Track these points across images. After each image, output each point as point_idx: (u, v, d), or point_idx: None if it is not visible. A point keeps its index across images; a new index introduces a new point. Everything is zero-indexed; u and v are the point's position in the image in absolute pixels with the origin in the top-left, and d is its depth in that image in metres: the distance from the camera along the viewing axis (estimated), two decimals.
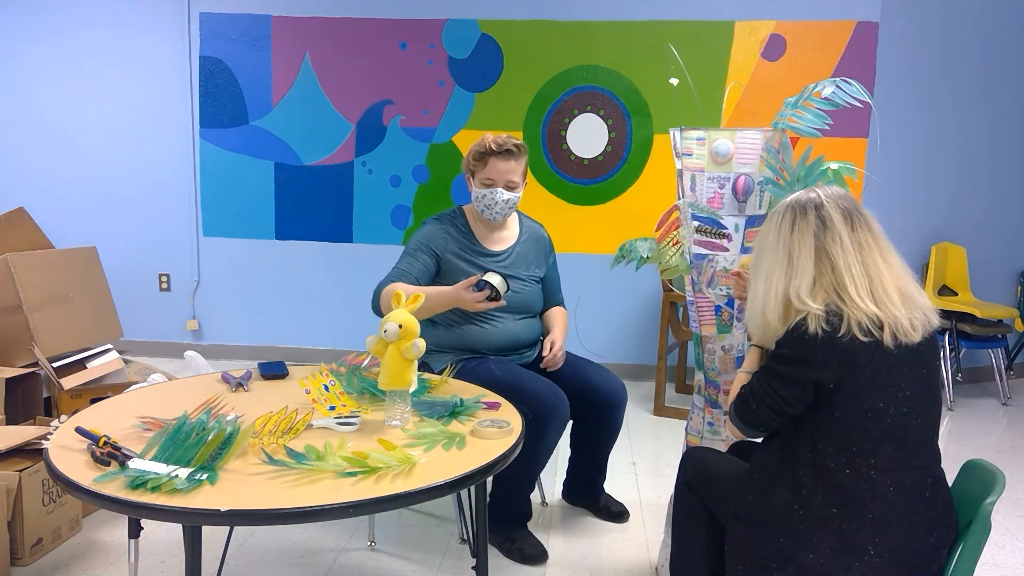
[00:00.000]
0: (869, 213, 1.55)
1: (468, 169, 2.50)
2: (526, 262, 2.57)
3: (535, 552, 2.36)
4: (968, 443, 3.65)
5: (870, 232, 1.52)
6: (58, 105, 4.64)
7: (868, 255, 1.49)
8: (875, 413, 1.43)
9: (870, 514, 1.42)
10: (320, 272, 4.69)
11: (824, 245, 1.50)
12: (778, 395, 1.50)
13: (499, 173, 2.41)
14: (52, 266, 3.22)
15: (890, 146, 4.18)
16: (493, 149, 2.40)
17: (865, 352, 1.42)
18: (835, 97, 2.08)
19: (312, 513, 1.40)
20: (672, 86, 4.21)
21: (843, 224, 1.50)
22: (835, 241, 1.49)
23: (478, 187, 2.45)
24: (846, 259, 1.48)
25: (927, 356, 1.49)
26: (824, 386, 1.44)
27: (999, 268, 4.64)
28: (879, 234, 1.53)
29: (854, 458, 1.43)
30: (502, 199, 2.43)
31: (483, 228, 2.55)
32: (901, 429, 1.44)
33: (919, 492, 1.45)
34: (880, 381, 1.42)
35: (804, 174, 2.06)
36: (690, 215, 2.16)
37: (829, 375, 1.43)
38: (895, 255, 1.53)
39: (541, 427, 2.23)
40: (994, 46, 4.33)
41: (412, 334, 1.79)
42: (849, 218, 1.51)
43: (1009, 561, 2.52)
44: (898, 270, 1.51)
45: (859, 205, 1.55)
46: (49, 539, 2.36)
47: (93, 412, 1.88)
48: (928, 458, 1.49)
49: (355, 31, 4.44)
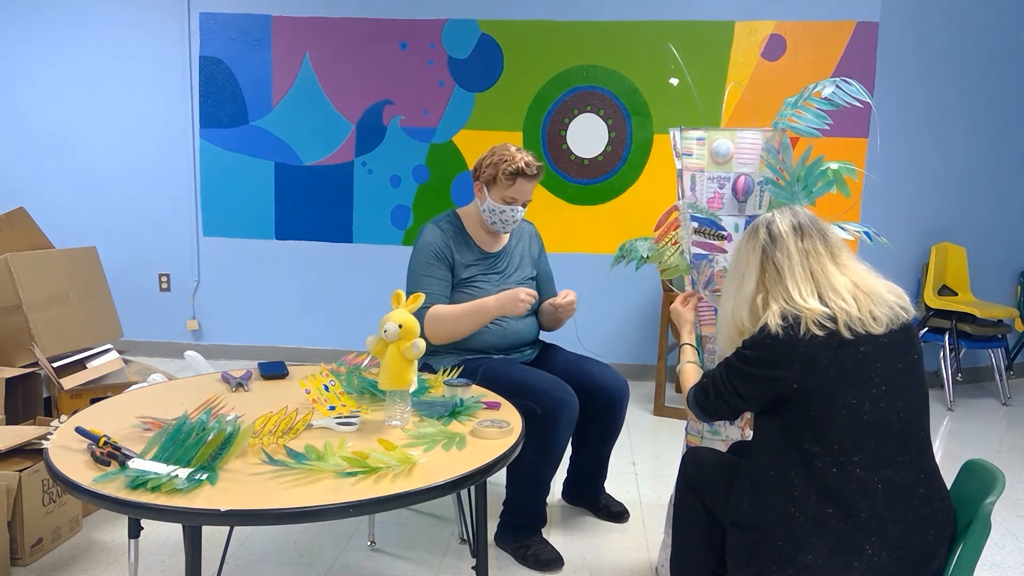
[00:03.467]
0: (827, 225, 1.65)
1: (487, 180, 2.44)
2: (521, 261, 2.60)
3: (550, 558, 2.35)
4: (968, 443, 3.65)
5: (822, 240, 1.60)
6: (58, 105, 4.64)
7: (816, 261, 1.57)
8: (849, 410, 1.45)
9: (863, 513, 1.42)
10: (320, 272, 4.69)
11: (772, 257, 1.60)
12: (737, 393, 1.59)
13: (523, 193, 2.45)
14: (52, 266, 3.22)
15: (890, 146, 4.18)
16: (527, 172, 2.40)
17: (827, 350, 1.47)
18: (835, 97, 2.08)
19: (312, 513, 1.40)
20: (672, 86, 4.21)
21: (791, 235, 1.60)
22: (783, 252, 1.59)
23: (497, 201, 2.44)
24: (791, 267, 1.57)
25: (900, 351, 1.51)
26: (788, 386, 1.49)
27: (999, 268, 4.64)
28: (834, 242, 1.61)
29: (838, 456, 1.45)
30: (519, 216, 2.49)
31: (480, 232, 2.55)
32: (882, 425, 1.46)
33: (911, 488, 1.45)
34: (851, 377, 1.46)
35: (804, 174, 2.06)
36: (689, 216, 2.16)
37: (791, 376, 1.48)
38: (851, 259, 1.61)
39: (551, 422, 2.24)
40: (994, 46, 4.33)
41: (412, 334, 1.79)
42: (798, 230, 1.61)
43: (1009, 561, 2.52)
44: (855, 272, 1.58)
45: (815, 219, 1.65)
46: (49, 539, 2.36)
47: (93, 412, 1.88)
48: (917, 453, 1.49)
49: (355, 31, 4.44)
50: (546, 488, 2.42)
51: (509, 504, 2.42)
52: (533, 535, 2.41)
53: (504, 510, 2.44)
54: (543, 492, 2.42)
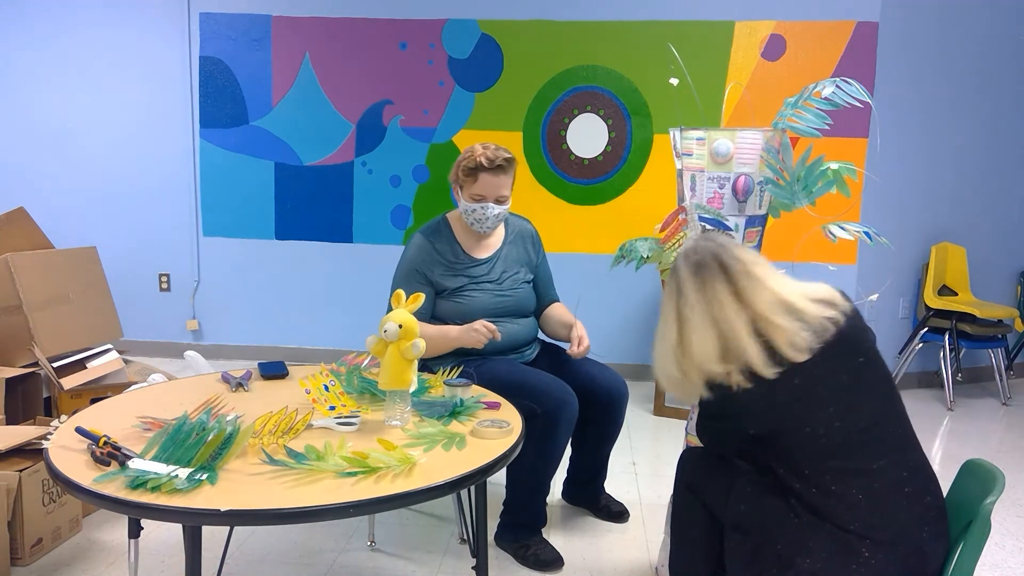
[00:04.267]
0: (730, 251, 1.56)
1: (456, 182, 2.46)
2: (515, 263, 2.57)
3: (550, 558, 2.35)
4: (968, 443, 3.65)
5: (723, 276, 1.53)
6: (58, 105, 4.64)
7: (718, 309, 1.51)
8: (806, 439, 1.47)
9: (851, 524, 1.42)
10: (320, 272, 4.69)
11: (681, 310, 1.57)
12: (724, 443, 1.66)
13: (490, 189, 2.38)
14: (52, 266, 3.22)
15: (890, 146, 4.18)
16: (484, 165, 2.35)
17: (761, 399, 1.48)
18: (835, 97, 2.08)
19: (312, 513, 1.40)
20: (672, 86, 4.21)
21: (692, 281, 1.55)
22: (686, 303, 1.56)
23: (467, 200, 2.42)
24: (694, 320, 1.54)
25: (841, 361, 1.48)
26: (746, 432, 1.54)
27: (999, 268, 4.64)
28: (738, 272, 1.53)
29: (810, 479, 1.46)
30: (492, 213, 2.42)
31: (469, 237, 2.53)
32: (843, 442, 1.45)
33: (895, 490, 1.44)
34: (794, 414, 1.47)
35: (804, 174, 2.06)
36: (697, 216, 2.16)
37: (742, 426, 1.53)
38: (759, 281, 1.52)
39: (552, 422, 2.24)
40: (994, 46, 4.33)
41: (412, 334, 1.79)
42: (699, 271, 1.56)
43: (1009, 561, 2.52)
44: (762, 299, 1.50)
45: (718, 250, 1.56)
46: (49, 539, 2.36)
47: (93, 412, 1.88)
48: (895, 453, 1.47)
49: (355, 31, 4.44)
50: (546, 488, 2.42)
51: (509, 504, 2.42)
52: (533, 535, 2.41)
53: (504, 510, 2.44)
54: (543, 492, 2.42)
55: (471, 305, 2.44)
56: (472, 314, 2.42)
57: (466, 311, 2.43)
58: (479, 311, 2.43)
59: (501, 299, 2.48)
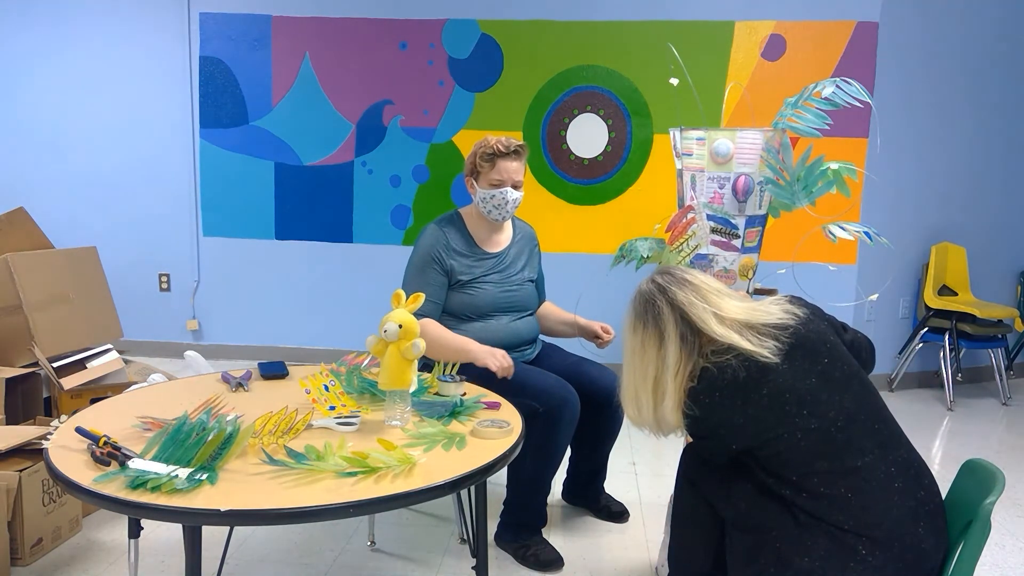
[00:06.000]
0: (676, 282, 1.62)
1: (472, 171, 2.50)
2: (521, 262, 2.61)
3: (550, 558, 2.35)
4: (968, 443, 3.65)
5: (669, 309, 1.59)
6: (58, 105, 4.64)
7: (648, 363, 1.61)
8: (786, 445, 1.48)
9: (845, 524, 1.43)
10: (320, 272, 4.69)
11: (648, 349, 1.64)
12: (715, 459, 1.66)
13: (508, 173, 2.44)
14: (52, 266, 3.22)
15: (890, 146, 4.18)
16: (501, 150, 2.42)
17: (755, 398, 1.49)
18: (835, 97, 2.08)
19: (312, 513, 1.40)
20: (672, 86, 4.21)
21: (631, 333, 1.66)
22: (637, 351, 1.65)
23: (485, 188, 2.46)
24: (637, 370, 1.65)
25: (807, 365, 1.51)
26: (729, 446, 1.57)
27: (999, 268, 4.64)
28: (683, 303, 1.58)
29: (798, 484, 1.47)
30: (511, 198, 2.47)
31: (481, 231, 2.56)
32: (824, 444, 1.47)
33: (884, 486, 1.45)
34: (769, 423, 1.49)
35: (804, 174, 2.06)
36: (705, 215, 2.17)
37: (723, 441, 1.56)
38: (709, 307, 1.56)
39: (553, 421, 2.24)
40: (994, 45, 4.33)
41: (412, 334, 1.79)
42: (641, 320, 1.64)
43: (1009, 561, 2.52)
44: (716, 332, 1.54)
45: (664, 285, 1.62)
46: (49, 539, 2.36)
47: (93, 412, 1.88)
48: (879, 449, 1.48)
49: (355, 31, 4.44)
50: (546, 488, 2.42)
51: (509, 504, 2.43)
52: (533, 535, 2.41)
53: (504, 510, 2.44)
54: (543, 492, 2.42)
55: (481, 297, 2.46)
56: (482, 306, 2.46)
57: (477, 303, 2.46)
58: (489, 303, 2.47)
59: (509, 293, 2.52)
